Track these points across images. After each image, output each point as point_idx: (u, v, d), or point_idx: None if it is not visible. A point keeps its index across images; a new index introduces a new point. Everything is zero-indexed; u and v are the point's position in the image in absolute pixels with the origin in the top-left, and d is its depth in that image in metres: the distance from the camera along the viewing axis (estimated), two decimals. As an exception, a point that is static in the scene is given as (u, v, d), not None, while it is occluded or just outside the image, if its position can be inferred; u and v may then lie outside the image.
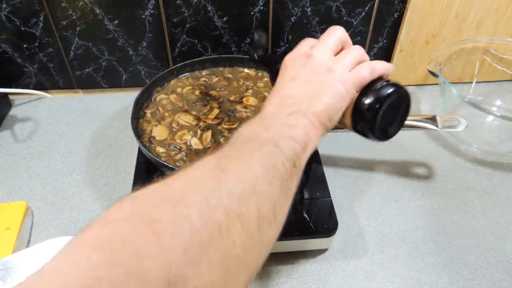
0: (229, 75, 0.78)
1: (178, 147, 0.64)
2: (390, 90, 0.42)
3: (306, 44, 0.46)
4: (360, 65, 0.44)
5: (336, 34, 0.45)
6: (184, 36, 0.81)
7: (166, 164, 0.58)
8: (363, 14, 0.81)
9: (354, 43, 0.46)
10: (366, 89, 0.43)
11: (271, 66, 0.53)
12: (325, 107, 0.40)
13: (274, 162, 0.34)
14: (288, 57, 0.45)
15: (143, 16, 0.78)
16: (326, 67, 0.42)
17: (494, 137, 0.76)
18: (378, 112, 0.42)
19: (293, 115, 0.39)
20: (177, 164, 0.62)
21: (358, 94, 0.43)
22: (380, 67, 0.44)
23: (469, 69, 0.84)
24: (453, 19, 0.80)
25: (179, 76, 0.77)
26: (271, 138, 0.36)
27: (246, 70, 0.79)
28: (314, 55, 0.43)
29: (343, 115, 0.44)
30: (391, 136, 0.45)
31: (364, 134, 0.45)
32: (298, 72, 0.43)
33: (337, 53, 0.45)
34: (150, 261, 0.24)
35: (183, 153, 0.63)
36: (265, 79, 0.77)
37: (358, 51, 0.45)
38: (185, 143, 0.65)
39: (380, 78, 0.44)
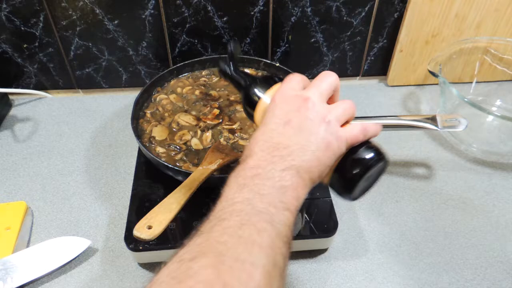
0: None
1: (178, 147, 0.64)
2: (379, 162, 0.42)
3: (296, 81, 0.43)
4: (353, 124, 0.42)
5: (330, 79, 0.43)
6: (184, 36, 0.81)
7: (166, 164, 0.58)
8: (363, 14, 0.81)
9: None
10: (354, 151, 0.42)
11: (245, 88, 0.48)
12: (318, 162, 0.38)
13: (274, 256, 0.31)
14: (278, 95, 0.42)
15: (143, 16, 0.78)
16: (321, 116, 0.40)
17: (494, 137, 0.76)
18: (362, 177, 0.41)
19: (286, 171, 0.36)
20: (177, 164, 0.62)
21: (344, 153, 0.41)
22: (372, 129, 0.43)
23: (469, 69, 0.84)
24: (453, 19, 0.80)
25: (179, 76, 0.77)
26: (267, 212, 0.33)
27: (246, 70, 0.79)
28: (310, 99, 0.41)
29: None
30: (360, 197, 0.44)
31: (338, 192, 0.44)
32: (291, 116, 0.40)
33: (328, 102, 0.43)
34: None
35: (183, 153, 0.63)
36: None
37: (351, 107, 0.43)
38: (185, 143, 0.65)
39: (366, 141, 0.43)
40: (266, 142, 0.39)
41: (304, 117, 0.40)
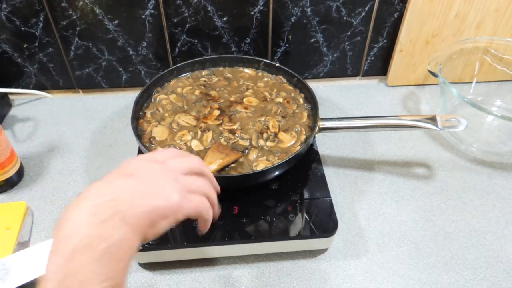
0: (229, 75, 0.78)
1: (178, 147, 0.64)
2: None
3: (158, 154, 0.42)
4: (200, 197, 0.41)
5: (193, 160, 0.43)
6: (184, 36, 0.81)
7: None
8: (363, 14, 0.81)
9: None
10: None
11: None
12: (151, 209, 0.35)
13: None
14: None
15: (143, 16, 0.78)
16: (173, 173, 0.39)
17: (494, 137, 0.76)
18: None
19: (109, 222, 0.32)
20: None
21: None
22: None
23: (469, 69, 0.84)
24: (453, 19, 0.80)
25: (179, 76, 0.77)
26: None
27: (246, 70, 0.79)
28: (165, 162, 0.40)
29: None
30: None
31: None
32: (138, 170, 0.38)
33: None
34: None
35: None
36: (265, 78, 0.77)
37: (206, 184, 0.42)
38: (186, 143, 0.65)
39: None
40: (95, 193, 0.36)
41: (153, 170, 0.38)
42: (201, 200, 0.40)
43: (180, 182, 0.39)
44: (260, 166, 0.60)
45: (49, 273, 0.31)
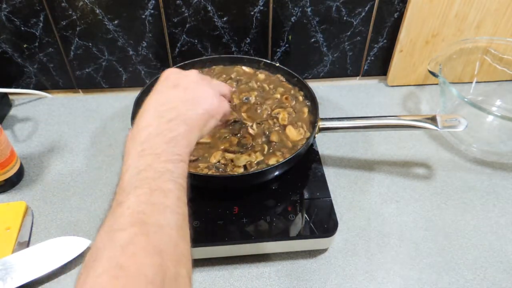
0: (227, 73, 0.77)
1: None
2: None
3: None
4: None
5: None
6: (184, 36, 0.81)
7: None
8: (363, 14, 0.81)
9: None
10: None
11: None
12: (203, 113, 0.46)
13: (181, 212, 0.37)
14: (168, 71, 0.50)
15: (143, 16, 0.78)
16: (207, 82, 0.50)
17: (494, 137, 0.76)
18: None
19: (172, 122, 0.42)
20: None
21: None
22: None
23: (469, 69, 0.84)
24: (453, 19, 0.80)
25: (179, 76, 0.77)
26: (167, 172, 0.38)
27: (244, 68, 0.78)
28: (197, 72, 0.50)
29: None
30: None
31: None
32: (180, 81, 0.48)
33: None
34: None
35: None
36: (263, 76, 0.77)
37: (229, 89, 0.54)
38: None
39: None
40: (155, 102, 0.45)
41: (191, 81, 0.48)
42: (226, 103, 0.51)
43: (213, 88, 0.49)
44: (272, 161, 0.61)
45: (129, 150, 0.40)
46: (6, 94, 0.84)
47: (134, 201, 0.35)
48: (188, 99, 0.46)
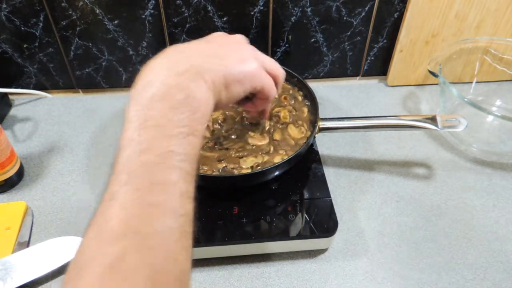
0: None
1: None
2: None
3: None
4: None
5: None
6: (184, 36, 0.81)
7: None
8: (363, 14, 0.81)
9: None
10: None
11: None
12: (224, 68, 0.37)
13: (186, 221, 0.31)
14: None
15: (143, 16, 0.78)
16: (251, 47, 0.42)
17: (494, 137, 0.76)
18: None
19: (184, 75, 0.34)
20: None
21: None
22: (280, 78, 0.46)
23: (469, 69, 0.84)
24: (453, 19, 0.80)
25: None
26: (171, 155, 0.32)
27: None
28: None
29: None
30: None
31: None
32: (220, 40, 0.42)
33: None
34: None
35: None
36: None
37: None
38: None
39: None
40: (171, 52, 0.37)
41: (235, 41, 0.42)
42: (271, 79, 0.42)
43: (258, 57, 0.41)
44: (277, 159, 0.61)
45: (130, 118, 0.33)
46: (6, 94, 0.84)
47: (129, 199, 0.29)
48: (217, 53, 0.37)
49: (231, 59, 0.38)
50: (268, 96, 0.43)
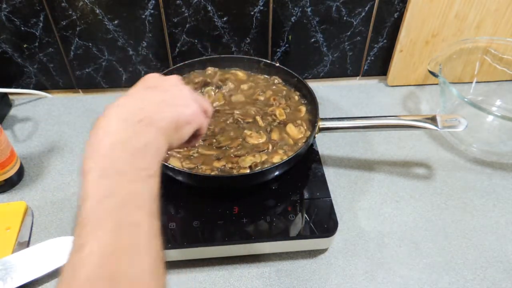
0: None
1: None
2: None
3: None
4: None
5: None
6: (184, 36, 0.81)
7: (166, 164, 0.58)
8: (363, 14, 0.81)
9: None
10: None
11: None
12: (176, 116, 0.40)
13: (154, 249, 0.32)
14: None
15: (143, 16, 0.78)
16: (189, 90, 0.44)
17: (494, 137, 0.76)
18: None
19: (139, 124, 0.36)
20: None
21: None
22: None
23: (469, 69, 0.84)
24: (453, 19, 0.80)
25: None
26: (135, 198, 0.33)
27: (238, 73, 0.77)
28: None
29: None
30: None
31: None
32: (158, 83, 0.43)
33: None
34: None
35: (182, 154, 0.63)
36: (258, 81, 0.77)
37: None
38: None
39: None
40: (122, 105, 0.38)
41: (172, 84, 0.43)
42: (205, 117, 0.45)
43: (195, 98, 0.44)
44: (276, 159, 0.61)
45: (88, 168, 0.34)
46: (6, 94, 0.84)
47: (97, 246, 0.29)
48: (164, 100, 0.40)
49: (179, 104, 0.41)
50: (203, 132, 0.46)
